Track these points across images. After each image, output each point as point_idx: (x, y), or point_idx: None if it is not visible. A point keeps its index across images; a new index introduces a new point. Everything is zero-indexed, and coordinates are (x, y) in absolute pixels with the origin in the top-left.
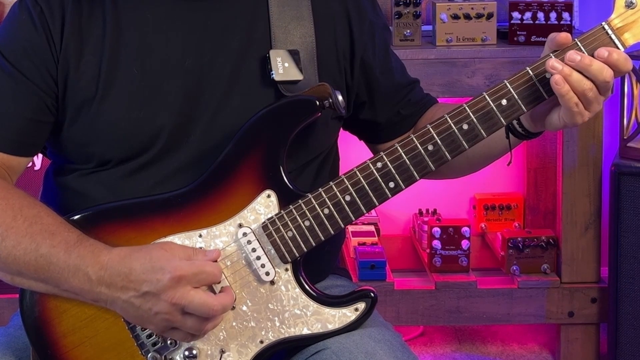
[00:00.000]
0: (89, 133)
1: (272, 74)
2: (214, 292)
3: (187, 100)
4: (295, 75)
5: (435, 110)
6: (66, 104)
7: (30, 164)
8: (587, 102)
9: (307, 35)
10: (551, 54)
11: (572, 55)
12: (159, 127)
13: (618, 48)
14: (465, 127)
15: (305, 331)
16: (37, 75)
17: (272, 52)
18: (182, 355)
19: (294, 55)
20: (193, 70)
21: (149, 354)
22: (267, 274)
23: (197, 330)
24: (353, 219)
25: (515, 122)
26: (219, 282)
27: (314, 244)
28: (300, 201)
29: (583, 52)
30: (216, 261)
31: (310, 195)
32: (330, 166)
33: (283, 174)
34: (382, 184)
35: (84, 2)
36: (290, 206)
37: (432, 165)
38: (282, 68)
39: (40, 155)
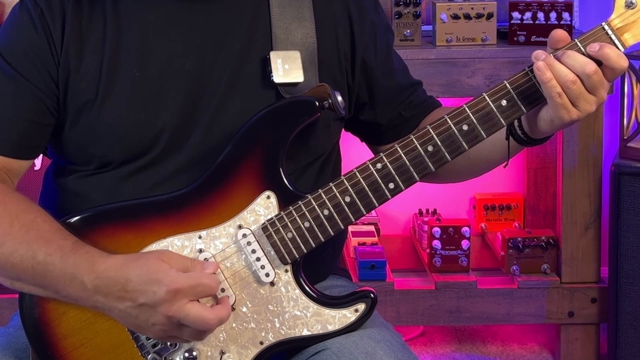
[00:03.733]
0: (89, 135)
1: (272, 76)
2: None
3: (187, 102)
4: (295, 77)
5: (438, 113)
6: (67, 105)
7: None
8: (572, 96)
9: (309, 36)
10: (551, 54)
11: (558, 52)
12: (160, 128)
13: (618, 48)
14: (465, 127)
15: (305, 332)
16: (37, 77)
17: (272, 54)
18: (182, 357)
19: (295, 56)
20: (194, 72)
21: (149, 355)
22: (267, 275)
23: (195, 339)
24: (353, 220)
25: (517, 125)
26: (216, 295)
27: (313, 245)
28: (299, 202)
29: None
30: (214, 273)
31: (309, 196)
32: (332, 167)
33: (283, 175)
34: (382, 184)
35: (84, 3)
36: (290, 207)
37: (432, 166)
38: (282, 70)
39: (40, 156)
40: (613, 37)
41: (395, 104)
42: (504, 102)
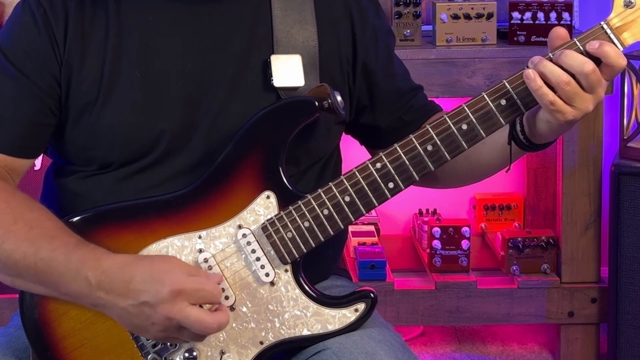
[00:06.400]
0: (90, 136)
1: (273, 80)
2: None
3: (188, 105)
4: (296, 81)
5: (438, 117)
6: (68, 106)
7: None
8: (566, 96)
9: (310, 40)
10: (550, 54)
11: (556, 52)
12: (160, 131)
13: (617, 47)
14: (464, 127)
15: (305, 332)
16: (39, 77)
17: (273, 58)
18: (182, 357)
19: (296, 60)
20: (194, 75)
21: (149, 356)
22: (267, 275)
23: (194, 341)
24: (352, 219)
25: (519, 130)
26: (218, 303)
27: (313, 245)
28: (299, 202)
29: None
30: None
31: (309, 196)
32: (332, 169)
33: (282, 175)
34: (382, 184)
35: (87, 4)
36: (290, 207)
37: (431, 166)
38: (283, 73)
39: (40, 155)
40: (612, 36)
41: (396, 108)
42: (503, 102)
